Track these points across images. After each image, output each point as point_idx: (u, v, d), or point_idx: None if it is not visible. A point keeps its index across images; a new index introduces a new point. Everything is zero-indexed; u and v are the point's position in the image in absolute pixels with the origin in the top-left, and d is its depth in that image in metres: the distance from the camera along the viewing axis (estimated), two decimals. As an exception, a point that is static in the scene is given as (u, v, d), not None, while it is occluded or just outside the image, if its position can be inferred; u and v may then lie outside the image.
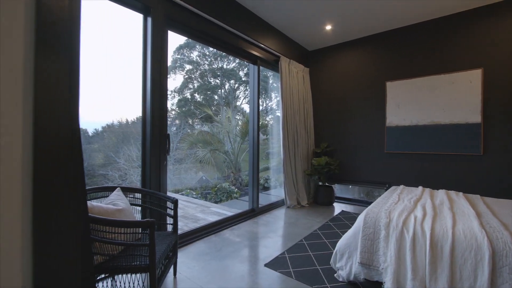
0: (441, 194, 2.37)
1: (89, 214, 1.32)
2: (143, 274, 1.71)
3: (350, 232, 1.88)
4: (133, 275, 1.70)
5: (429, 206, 1.94)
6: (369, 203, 3.57)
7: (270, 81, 7.35)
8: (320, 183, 4.19)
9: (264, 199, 4.13)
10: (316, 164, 3.99)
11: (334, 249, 1.96)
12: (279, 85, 3.82)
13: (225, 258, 2.23)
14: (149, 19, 2.25)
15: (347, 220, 3.26)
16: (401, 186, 2.68)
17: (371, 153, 3.94)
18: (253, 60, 3.60)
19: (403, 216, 1.73)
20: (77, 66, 0.86)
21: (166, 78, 2.39)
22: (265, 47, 3.55)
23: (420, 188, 2.58)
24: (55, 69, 0.79)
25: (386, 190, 3.49)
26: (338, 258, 1.88)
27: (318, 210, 3.77)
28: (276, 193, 5.41)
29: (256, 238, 2.73)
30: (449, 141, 3.28)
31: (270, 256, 2.26)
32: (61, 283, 0.83)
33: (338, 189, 4.46)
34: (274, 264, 2.12)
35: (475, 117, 3.10)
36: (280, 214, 3.57)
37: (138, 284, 1.58)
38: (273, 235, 2.79)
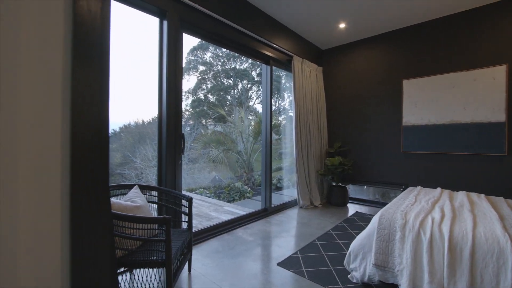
0: (461, 196, 2.29)
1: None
2: (160, 269, 1.77)
3: (364, 233, 1.86)
4: (150, 270, 1.76)
5: (447, 208, 1.88)
6: (384, 205, 3.49)
7: (283, 81, 7.34)
8: (334, 184, 4.14)
9: (276, 199, 4.14)
10: (330, 164, 3.95)
11: (347, 250, 1.94)
12: (292, 84, 3.81)
13: (238, 256, 2.26)
14: (165, 23, 2.32)
15: (361, 221, 3.20)
16: (418, 187, 2.60)
17: (386, 153, 3.85)
18: (266, 60, 3.62)
19: (420, 218, 1.69)
20: (107, 72, 0.91)
21: (181, 79, 2.45)
22: (277, 47, 3.55)
23: (439, 189, 2.50)
24: (88, 76, 0.85)
25: (402, 191, 3.40)
26: (352, 259, 1.86)
27: (332, 210, 3.73)
28: (289, 193, 5.39)
29: (269, 237, 2.74)
30: (470, 141, 3.14)
31: (283, 256, 2.26)
32: (94, 276, 0.90)
33: (352, 190, 4.39)
34: (287, 263, 2.12)
35: (499, 116, 2.95)
36: (293, 214, 3.57)
37: (155, 278, 1.64)
38: (286, 235, 2.79)
